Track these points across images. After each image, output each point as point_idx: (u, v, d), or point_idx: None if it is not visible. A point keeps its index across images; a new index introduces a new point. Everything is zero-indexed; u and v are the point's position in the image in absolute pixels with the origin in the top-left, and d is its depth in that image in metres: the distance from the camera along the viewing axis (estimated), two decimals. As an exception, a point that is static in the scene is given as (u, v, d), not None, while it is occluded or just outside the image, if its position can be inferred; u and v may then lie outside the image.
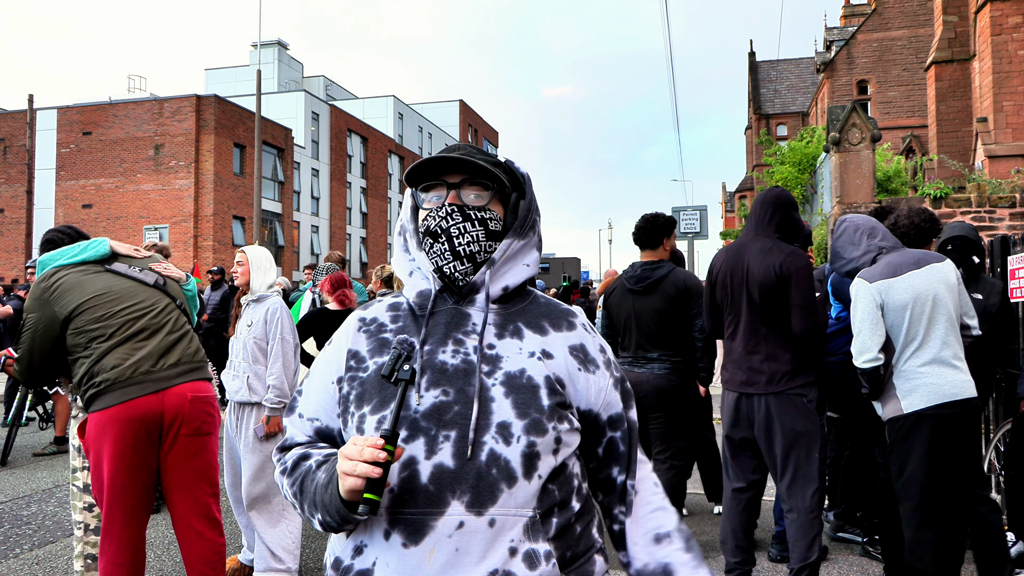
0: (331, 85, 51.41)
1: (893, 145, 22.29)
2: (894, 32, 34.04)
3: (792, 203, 3.78)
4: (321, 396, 1.43)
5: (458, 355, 1.33)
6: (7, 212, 32.27)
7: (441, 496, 1.23)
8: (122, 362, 3.04)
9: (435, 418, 1.28)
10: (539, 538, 1.26)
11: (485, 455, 1.25)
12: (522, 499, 1.25)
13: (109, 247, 3.35)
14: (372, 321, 1.45)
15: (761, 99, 49.21)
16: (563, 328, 1.43)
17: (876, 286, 3.47)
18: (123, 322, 3.10)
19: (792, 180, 16.65)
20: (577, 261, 38.94)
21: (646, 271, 4.51)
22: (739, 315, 3.69)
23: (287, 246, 35.19)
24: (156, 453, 3.14)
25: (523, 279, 1.44)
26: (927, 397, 3.35)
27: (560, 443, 1.31)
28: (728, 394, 3.74)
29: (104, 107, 31.79)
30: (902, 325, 3.41)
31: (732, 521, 3.77)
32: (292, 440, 1.46)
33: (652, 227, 4.55)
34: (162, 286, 3.30)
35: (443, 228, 1.38)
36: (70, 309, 3.08)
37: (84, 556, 3.47)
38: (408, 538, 1.23)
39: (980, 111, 21.25)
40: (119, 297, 3.16)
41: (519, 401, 1.29)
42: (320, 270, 6.43)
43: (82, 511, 3.51)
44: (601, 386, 1.41)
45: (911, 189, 13.78)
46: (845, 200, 10.39)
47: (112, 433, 3.00)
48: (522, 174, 1.50)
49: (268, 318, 3.99)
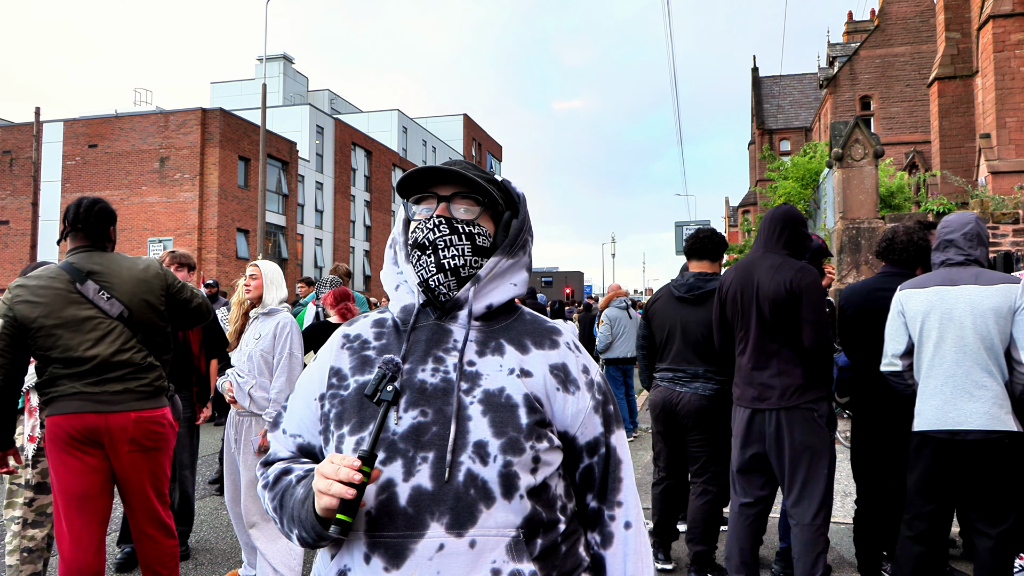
0: (336, 99, 51.68)
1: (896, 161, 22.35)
2: (897, 48, 34.14)
3: (801, 219, 3.80)
4: (304, 413, 1.42)
5: (437, 374, 1.32)
6: (12, 224, 32.39)
7: (420, 518, 1.22)
8: (64, 384, 3.17)
9: (413, 439, 1.26)
10: (523, 559, 1.24)
11: (463, 476, 1.23)
12: (502, 519, 1.24)
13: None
14: (356, 338, 1.43)
15: (764, 114, 49.33)
16: (545, 346, 1.40)
17: (901, 294, 3.45)
18: (71, 358, 3.16)
19: (795, 195, 16.67)
20: (580, 275, 38.92)
21: (699, 281, 4.39)
22: (749, 331, 3.69)
23: (291, 259, 35.23)
24: (107, 460, 3.26)
25: (508, 297, 1.41)
26: (930, 420, 3.29)
27: (539, 462, 1.29)
28: (740, 410, 3.73)
29: (110, 120, 31.96)
30: (915, 338, 3.37)
31: (738, 537, 3.75)
32: (275, 455, 1.45)
33: (715, 239, 4.46)
34: (126, 318, 3.25)
35: (430, 240, 1.36)
36: (29, 323, 3.16)
37: (20, 550, 3.74)
38: (389, 562, 1.22)
39: (983, 127, 21.28)
40: (76, 329, 3.17)
41: (496, 420, 1.27)
42: (324, 282, 6.44)
43: (22, 506, 3.79)
44: (579, 408, 1.37)
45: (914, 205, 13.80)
46: (848, 216, 10.39)
47: (58, 437, 3.17)
48: (518, 194, 1.48)
49: (278, 332, 3.99)
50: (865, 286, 3.96)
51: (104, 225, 3.38)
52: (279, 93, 44.36)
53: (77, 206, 3.34)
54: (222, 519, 5.78)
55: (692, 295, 4.35)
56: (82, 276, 3.22)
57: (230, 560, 4.85)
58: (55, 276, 3.22)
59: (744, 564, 3.71)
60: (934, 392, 3.28)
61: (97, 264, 3.28)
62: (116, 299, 3.24)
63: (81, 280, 3.21)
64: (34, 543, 3.78)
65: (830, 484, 3.58)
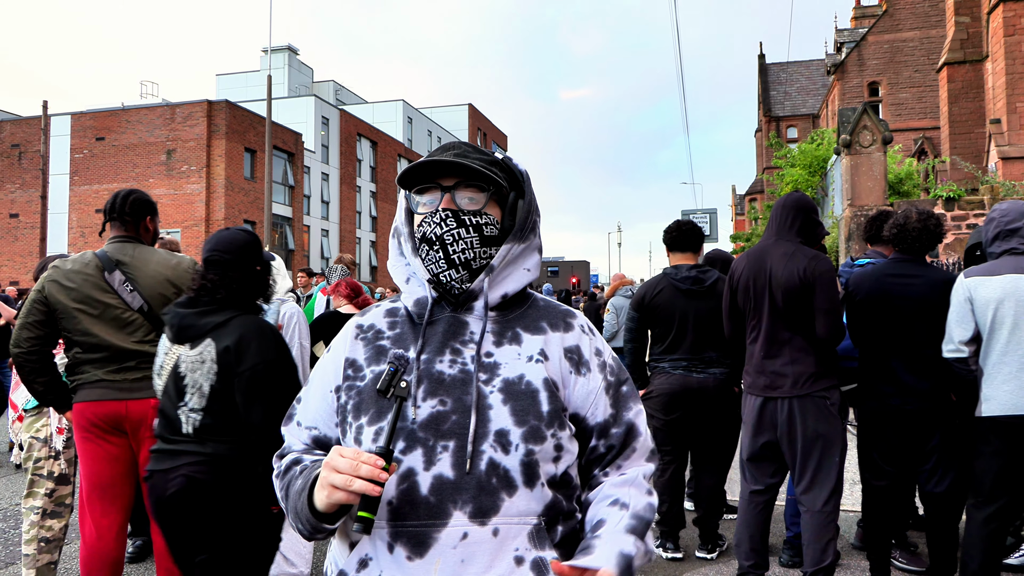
0: (341, 90, 51.61)
1: (905, 147, 22.21)
2: (905, 33, 33.88)
3: (813, 207, 3.80)
4: (319, 405, 1.42)
5: (455, 365, 1.31)
6: (22, 217, 32.52)
7: (442, 507, 1.22)
8: (87, 371, 3.25)
9: (433, 428, 1.26)
10: (545, 546, 1.25)
11: (484, 464, 1.24)
12: (524, 507, 1.24)
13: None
14: (369, 328, 1.42)
15: (771, 101, 49.07)
16: (560, 328, 1.40)
17: (968, 281, 3.51)
18: (89, 343, 3.24)
19: (802, 183, 16.60)
20: (586, 265, 38.86)
21: (699, 273, 4.50)
22: (761, 319, 3.69)
23: (297, 250, 35.31)
24: (131, 450, 3.29)
25: (523, 284, 1.41)
26: (1004, 405, 3.38)
27: (561, 450, 1.30)
28: (751, 398, 3.73)
29: (117, 113, 32.02)
30: (985, 325, 3.44)
31: (749, 524, 3.76)
32: (289, 448, 1.45)
33: (693, 230, 4.62)
34: (146, 311, 3.30)
35: (437, 235, 1.35)
36: (57, 304, 3.26)
37: (38, 540, 3.78)
38: (412, 551, 1.22)
39: (993, 112, 21.12)
40: (98, 316, 3.25)
41: (517, 408, 1.28)
42: (332, 270, 6.46)
43: (42, 496, 3.83)
44: (590, 388, 1.37)
45: (923, 191, 13.73)
46: (856, 203, 10.35)
47: (82, 424, 3.24)
48: (520, 171, 1.46)
49: (285, 322, 4.00)
50: (876, 272, 3.92)
51: (139, 215, 3.45)
52: (284, 84, 44.32)
53: (115, 197, 3.44)
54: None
55: (697, 287, 4.45)
56: (111, 265, 3.30)
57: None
58: (88, 262, 3.30)
59: (754, 551, 3.72)
60: (1008, 377, 3.37)
61: (128, 255, 3.35)
62: (138, 292, 3.29)
63: (110, 269, 3.29)
64: (51, 533, 3.83)
65: (841, 472, 3.59)
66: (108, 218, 3.44)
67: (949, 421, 3.74)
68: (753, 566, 3.71)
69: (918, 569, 4.18)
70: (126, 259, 3.33)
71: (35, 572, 3.77)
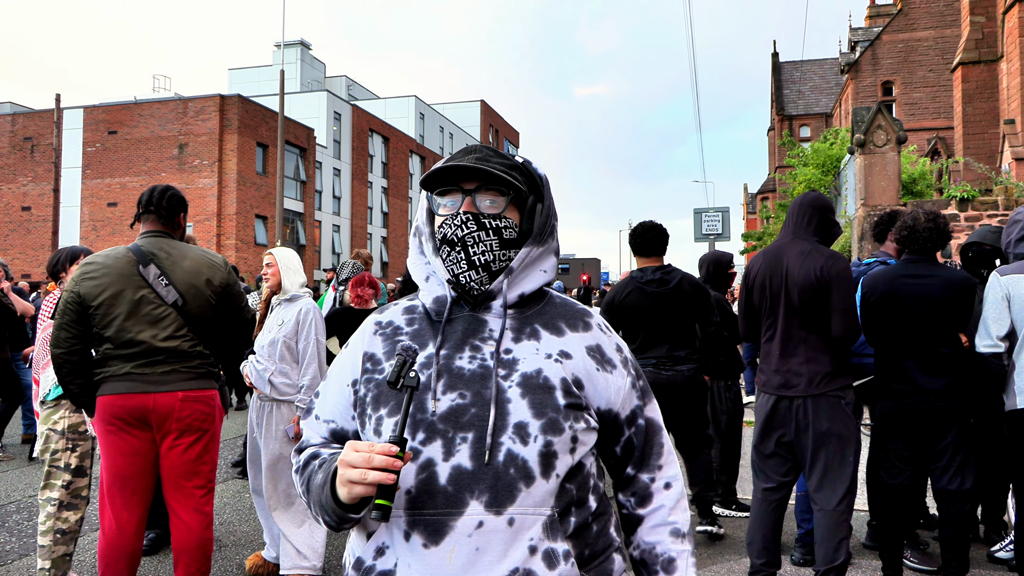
0: (353, 85, 51.71)
1: (918, 147, 22.07)
2: (920, 33, 33.66)
3: (830, 207, 3.81)
4: (337, 398, 1.45)
5: (475, 360, 1.34)
6: (34, 210, 32.75)
7: (460, 497, 1.25)
8: (115, 364, 3.24)
9: (452, 421, 1.29)
10: (558, 537, 1.28)
11: (503, 456, 1.26)
12: (540, 498, 1.27)
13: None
14: (388, 324, 1.46)
15: (784, 100, 48.86)
16: (579, 328, 1.43)
17: (1005, 279, 3.62)
18: (122, 339, 3.23)
19: (815, 182, 16.54)
20: (597, 262, 38.81)
21: (664, 275, 4.68)
22: (777, 318, 3.69)
23: (308, 245, 35.41)
24: (154, 444, 3.30)
25: (539, 285, 1.44)
26: None
27: (577, 442, 1.33)
28: (765, 397, 3.73)
29: (129, 106, 32.18)
30: (1021, 320, 3.54)
31: (762, 522, 3.76)
32: (307, 442, 1.48)
33: (658, 234, 4.81)
34: (180, 306, 3.30)
35: (459, 237, 1.39)
36: (91, 300, 3.25)
37: (54, 531, 3.83)
38: (428, 539, 1.25)
39: (1007, 113, 20.97)
40: (132, 311, 3.24)
41: (535, 401, 1.30)
42: (346, 265, 6.46)
43: (59, 488, 3.88)
44: (620, 385, 1.42)
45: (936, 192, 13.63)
46: (870, 202, 10.30)
47: (106, 418, 3.24)
48: (540, 175, 1.49)
49: (301, 318, 4.02)
50: (889, 272, 3.92)
51: (175, 211, 3.47)
52: (296, 79, 44.43)
53: (151, 192, 3.44)
54: (244, 502, 5.85)
55: (664, 289, 4.65)
56: (146, 259, 3.30)
57: (253, 543, 4.91)
58: (122, 256, 3.30)
59: (766, 549, 3.72)
60: None
61: (162, 250, 3.35)
62: (173, 286, 3.29)
63: (144, 263, 3.29)
64: (67, 525, 3.86)
65: (855, 471, 3.58)
66: (144, 212, 3.42)
67: (964, 419, 3.76)
68: (765, 564, 3.71)
69: (930, 568, 4.17)
70: (161, 253, 3.33)
71: (50, 563, 3.81)
